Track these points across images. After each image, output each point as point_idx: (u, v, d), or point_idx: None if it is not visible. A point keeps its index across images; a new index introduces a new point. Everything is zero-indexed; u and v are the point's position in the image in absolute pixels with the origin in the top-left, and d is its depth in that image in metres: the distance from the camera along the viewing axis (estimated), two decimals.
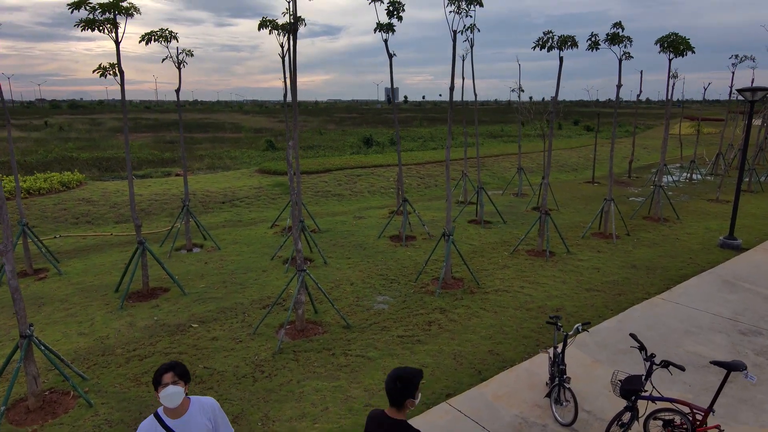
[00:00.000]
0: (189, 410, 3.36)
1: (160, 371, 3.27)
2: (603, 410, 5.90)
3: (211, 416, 3.42)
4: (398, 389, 3.20)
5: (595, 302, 9.53)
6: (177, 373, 3.28)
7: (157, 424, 3.28)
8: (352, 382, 6.81)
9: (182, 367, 3.34)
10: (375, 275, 11.06)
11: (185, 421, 3.33)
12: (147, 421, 3.31)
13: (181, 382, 3.28)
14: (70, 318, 8.90)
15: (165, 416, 3.31)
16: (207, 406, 3.44)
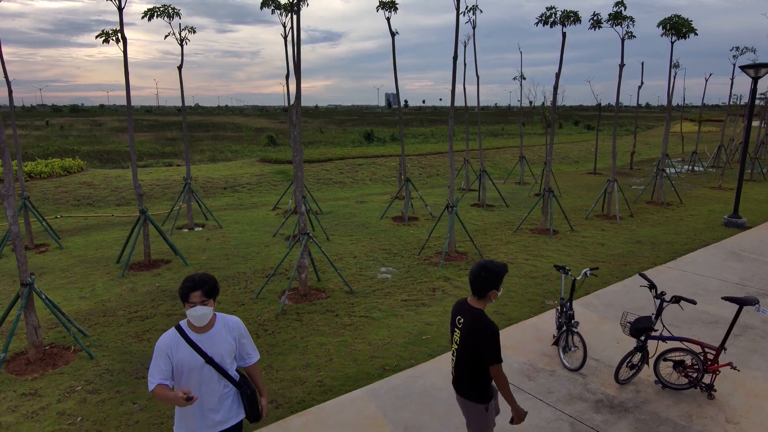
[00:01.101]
0: (215, 326, 3.16)
1: (188, 288, 3.01)
2: (611, 359, 5.81)
3: (236, 335, 3.24)
4: (482, 278, 3.31)
5: (600, 271, 9.44)
6: (205, 291, 3.03)
7: (180, 338, 3.07)
8: (356, 338, 6.72)
9: (211, 284, 3.06)
10: (378, 249, 10.98)
11: (210, 336, 3.13)
12: (168, 333, 3.09)
13: (209, 301, 3.06)
14: (71, 285, 8.82)
15: (188, 329, 3.11)
16: (232, 323, 3.25)
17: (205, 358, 3.06)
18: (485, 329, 3.28)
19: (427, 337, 6.74)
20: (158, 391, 2.94)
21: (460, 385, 3.53)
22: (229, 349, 3.17)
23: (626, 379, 5.29)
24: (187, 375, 3.05)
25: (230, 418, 3.23)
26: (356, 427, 4.58)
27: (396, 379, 5.48)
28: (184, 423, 3.15)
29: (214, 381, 3.11)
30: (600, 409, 4.89)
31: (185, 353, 3.04)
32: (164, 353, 3.03)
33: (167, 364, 3.03)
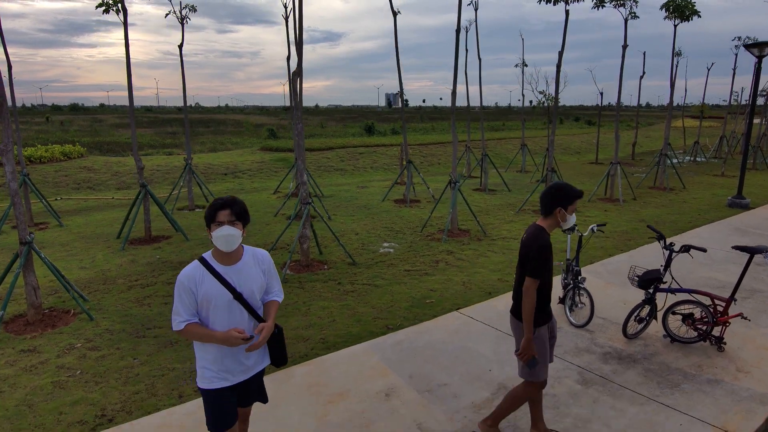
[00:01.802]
0: (243, 258, 2.81)
1: (215, 206, 2.67)
2: (618, 318, 5.73)
3: (266, 268, 2.90)
4: (550, 194, 3.27)
5: (604, 244, 9.37)
6: (235, 211, 2.67)
7: (204, 270, 2.70)
8: (359, 303, 6.65)
9: (241, 205, 2.74)
10: (380, 227, 10.90)
11: (238, 269, 2.77)
12: (191, 265, 2.74)
13: (239, 224, 2.69)
14: (70, 257, 8.75)
15: (214, 261, 2.74)
16: (261, 255, 2.91)
17: (234, 293, 2.71)
18: (534, 241, 3.21)
19: (430, 301, 6.66)
20: (192, 330, 2.67)
21: (514, 306, 3.43)
22: (259, 284, 2.83)
23: (634, 333, 5.21)
24: (212, 312, 2.71)
25: (258, 363, 2.95)
26: (360, 376, 4.50)
27: (400, 335, 5.40)
28: (215, 370, 2.80)
29: (244, 320, 2.78)
30: (608, 360, 4.81)
31: (211, 286, 2.69)
32: (186, 287, 2.67)
33: (192, 300, 2.69)
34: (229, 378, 2.81)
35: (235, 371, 2.82)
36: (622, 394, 4.22)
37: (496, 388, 4.30)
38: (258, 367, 2.97)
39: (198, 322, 2.72)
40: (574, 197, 3.26)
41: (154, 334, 5.72)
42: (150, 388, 4.61)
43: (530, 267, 3.20)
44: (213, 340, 2.69)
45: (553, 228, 3.33)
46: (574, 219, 3.34)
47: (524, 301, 3.22)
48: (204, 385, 2.82)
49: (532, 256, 3.19)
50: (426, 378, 4.47)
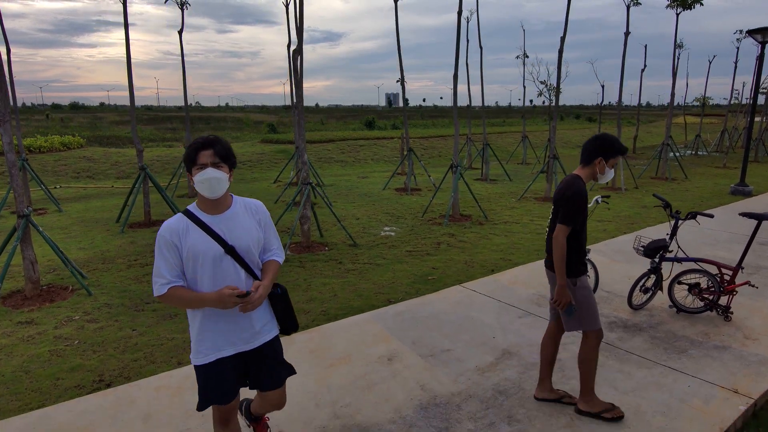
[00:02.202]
0: (232, 207, 2.43)
1: (196, 146, 2.32)
2: (622, 291, 5.66)
3: (261, 219, 2.52)
4: (595, 142, 3.19)
5: (607, 227, 9.30)
6: (218, 151, 2.31)
7: (188, 221, 2.33)
8: (361, 280, 6.57)
9: (225, 145, 2.38)
10: (380, 213, 10.84)
11: (228, 217, 2.40)
12: (173, 218, 2.38)
13: (224, 166, 2.33)
14: (69, 239, 8.68)
15: (199, 211, 2.38)
16: (255, 206, 2.53)
17: (225, 246, 2.33)
18: (569, 188, 3.14)
19: (432, 277, 6.59)
20: (176, 294, 2.28)
21: (548, 256, 3.37)
22: (255, 238, 2.44)
23: (640, 304, 5.14)
24: (200, 271, 2.32)
25: (264, 328, 2.53)
26: (362, 342, 4.43)
27: (401, 306, 5.33)
28: (211, 338, 2.40)
29: (239, 279, 2.38)
30: (614, 329, 4.74)
31: (197, 239, 2.31)
32: (168, 241, 2.29)
33: (175, 257, 2.30)
34: (226, 348, 2.43)
35: (235, 339, 2.43)
36: (629, 358, 4.15)
37: (500, 353, 4.23)
38: (267, 334, 2.55)
39: (183, 285, 2.33)
40: (618, 151, 3.20)
41: (153, 308, 5.66)
42: (148, 356, 4.54)
43: (562, 213, 3.13)
44: (203, 303, 2.30)
45: (590, 179, 3.25)
46: (612, 174, 3.26)
47: (554, 248, 3.15)
48: (198, 361, 2.41)
49: (565, 203, 3.12)
50: (429, 344, 4.40)
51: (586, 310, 3.27)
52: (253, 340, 2.49)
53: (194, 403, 3.53)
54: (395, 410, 3.42)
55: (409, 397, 3.58)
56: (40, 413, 3.44)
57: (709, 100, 30.83)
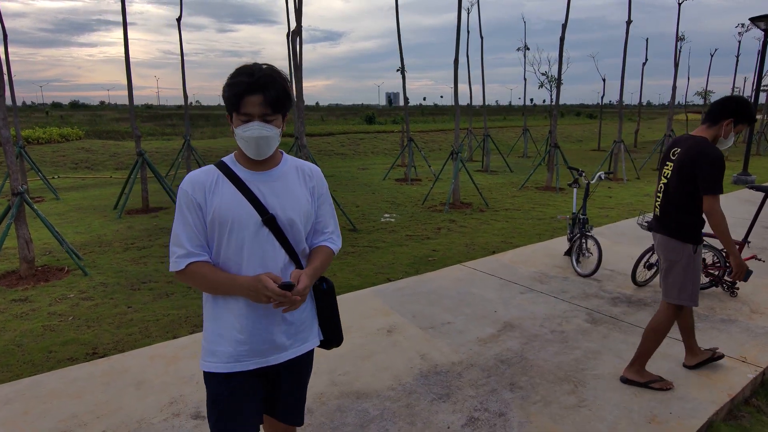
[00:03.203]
0: (281, 165, 1.80)
1: (241, 88, 1.61)
2: (626, 269, 5.57)
3: (316, 187, 1.85)
4: (727, 103, 2.97)
5: (609, 214, 9.22)
6: (269, 99, 1.62)
7: (220, 174, 1.71)
8: (361, 261, 6.49)
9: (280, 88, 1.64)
10: (381, 201, 10.75)
11: (273, 176, 1.76)
12: (202, 169, 1.75)
13: (277, 118, 1.68)
14: (66, 224, 8.60)
15: (236, 164, 1.75)
16: (309, 170, 1.86)
17: (263, 214, 1.70)
18: (704, 154, 2.85)
19: (433, 259, 6.50)
20: (199, 271, 1.68)
21: (664, 222, 3.12)
22: (304, 210, 1.79)
23: (644, 281, 5.05)
24: (227, 243, 1.70)
25: (299, 336, 1.84)
26: (361, 315, 4.35)
27: (401, 283, 5.25)
28: (233, 341, 1.74)
29: (275, 262, 1.73)
30: (617, 304, 4.65)
31: (227, 197, 1.69)
32: (191, 199, 1.68)
33: (199, 221, 1.69)
34: (249, 359, 1.76)
35: (264, 348, 1.77)
36: (633, 330, 4.06)
37: (502, 326, 4.15)
38: (302, 345, 1.85)
39: (208, 260, 1.72)
40: (749, 118, 2.97)
41: (150, 287, 5.57)
42: (143, 330, 4.46)
43: (708, 183, 2.84)
44: (232, 288, 1.68)
45: (712, 140, 3.00)
46: (731, 142, 3.04)
47: (714, 223, 2.90)
48: (209, 367, 1.77)
49: (707, 169, 2.84)
50: (429, 317, 4.31)
51: (692, 282, 3.10)
52: (283, 351, 1.80)
53: (190, 370, 3.46)
54: (395, 378, 3.34)
55: (408, 366, 3.49)
56: (30, 381, 3.36)
57: (711, 94, 30.72)
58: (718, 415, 3.00)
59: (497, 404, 3.03)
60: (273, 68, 1.68)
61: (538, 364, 3.51)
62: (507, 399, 3.09)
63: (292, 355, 1.83)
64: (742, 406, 3.19)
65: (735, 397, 3.15)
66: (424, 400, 3.08)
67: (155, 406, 3.03)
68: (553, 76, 17.84)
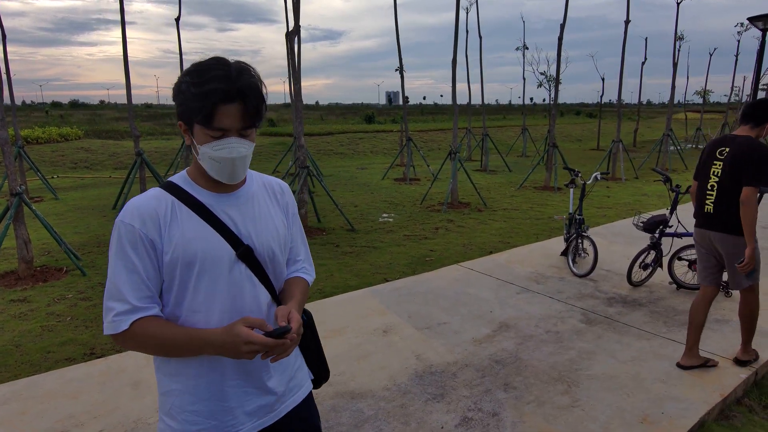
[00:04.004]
0: (247, 183, 1.47)
1: (215, 95, 1.24)
2: (622, 269, 5.58)
3: (288, 203, 1.56)
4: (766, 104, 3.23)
5: (607, 213, 9.25)
6: (251, 110, 1.29)
7: (172, 199, 1.35)
8: (358, 261, 6.51)
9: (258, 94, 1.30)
10: (379, 201, 10.78)
11: (241, 198, 1.43)
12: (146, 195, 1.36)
13: (253, 131, 1.35)
14: (65, 224, 8.62)
15: (193, 185, 1.39)
16: (278, 186, 1.56)
17: (238, 248, 1.37)
18: (756, 150, 3.13)
19: (430, 259, 6.53)
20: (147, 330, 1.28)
21: (720, 219, 3.31)
22: (282, 235, 1.49)
23: (640, 281, 5.08)
24: (193, 286, 1.33)
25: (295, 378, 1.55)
26: (358, 315, 4.37)
27: (398, 283, 5.27)
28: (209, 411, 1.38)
29: (259, 299, 1.41)
30: (613, 304, 4.67)
31: (191, 231, 1.33)
32: (139, 235, 1.29)
33: (150, 262, 1.31)
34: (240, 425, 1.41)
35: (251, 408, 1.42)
36: (628, 331, 4.09)
37: (497, 326, 4.17)
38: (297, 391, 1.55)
39: (159, 314, 1.32)
40: None
41: None
42: None
43: (752, 175, 3.09)
44: (201, 348, 1.29)
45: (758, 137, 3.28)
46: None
47: (746, 211, 3.11)
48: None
49: (755, 163, 3.09)
50: (425, 317, 4.34)
51: (758, 264, 3.32)
52: (278, 405, 1.48)
53: None
54: (390, 378, 3.36)
55: (404, 366, 3.51)
56: (28, 381, 3.38)
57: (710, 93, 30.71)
58: (710, 415, 3.02)
59: (491, 404, 3.06)
60: (248, 67, 1.32)
61: (532, 365, 3.53)
62: (501, 399, 3.11)
63: (292, 406, 1.51)
64: (734, 406, 3.21)
65: (727, 397, 3.18)
66: (419, 400, 3.11)
67: (151, 406, 3.05)
68: (551, 75, 17.86)
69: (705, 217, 3.41)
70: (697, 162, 3.55)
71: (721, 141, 3.38)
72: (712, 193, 3.34)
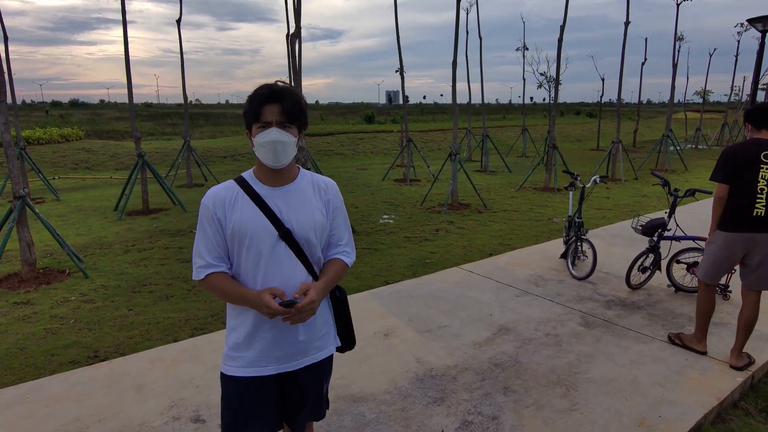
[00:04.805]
0: (297, 180, 1.92)
1: (260, 98, 1.78)
2: (621, 272, 5.62)
3: (331, 200, 1.97)
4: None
5: (607, 215, 9.28)
6: (287, 108, 1.77)
7: (239, 190, 1.85)
8: (358, 263, 6.55)
9: (296, 100, 1.80)
10: (379, 202, 10.81)
11: (289, 191, 1.88)
12: (222, 184, 1.89)
13: (293, 128, 1.82)
14: (67, 225, 8.66)
15: (254, 180, 1.89)
16: (326, 183, 1.99)
17: (280, 229, 1.81)
18: None
19: (430, 261, 6.57)
20: (216, 282, 1.81)
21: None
22: (319, 224, 1.89)
23: (638, 284, 5.12)
24: (246, 257, 1.82)
25: (317, 343, 1.95)
26: (358, 318, 4.39)
27: (399, 286, 5.31)
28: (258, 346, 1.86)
29: (294, 274, 1.84)
30: (611, 307, 4.71)
31: (246, 213, 1.81)
32: (211, 214, 1.81)
33: (218, 234, 1.82)
34: (267, 364, 1.87)
35: (280, 354, 1.87)
36: (626, 334, 4.13)
37: (497, 329, 4.21)
38: (320, 351, 1.97)
39: (226, 271, 1.84)
40: None
41: (150, 290, 5.64)
42: (144, 333, 4.52)
43: None
44: (243, 301, 1.80)
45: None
46: None
47: None
48: (229, 371, 1.89)
49: None
50: (426, 320, 4.38)
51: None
52: (301, 358, 1.91)
53: (189, 374, 3.52)
54: (390, 381, 3.40)
55: (404, 370, 3.55)
56: (32, 384, 3.42)
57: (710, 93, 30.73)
58: (706, 418, 3.06)
59: (490, 408, 3.10)
60: (289, 86, 1.84)
61: (531, 368, 3.57)
62: (500, 402, 3.15)
63: (311, 362, 1.94)
64: (730, 409, 3.25)
65: (724, 401, 3.22)
66: (419, 403, 3.15)
67: (155, 409, 3.09)
68: (551, 76, 17.89)
69: (755, 221, 3.44)
70: (723, 165, 3.53)
71: (763, 144, 3.44)
72: (762, 196, 3.40)
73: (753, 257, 3.50)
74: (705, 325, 3.78)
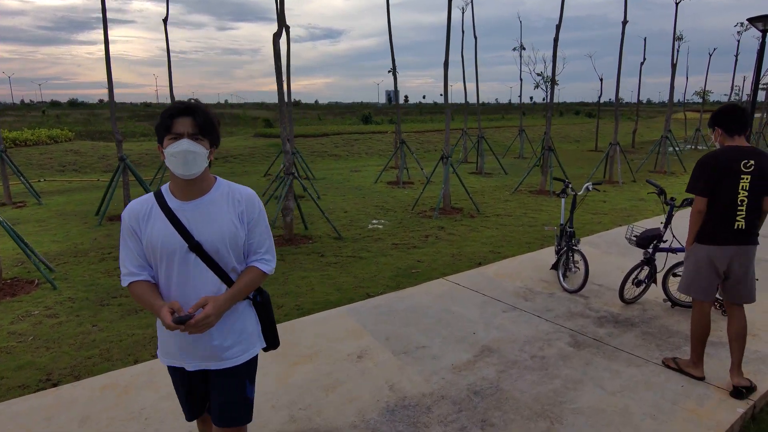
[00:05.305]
0: (211, 193, 1.98)
1: (171, 112, 1.85)
2: (614, 284, 5.34)
3: (245, 211, 2.00)
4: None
5: (602, 220, 8.99)
6: (198, 121, 1.85)
7: (154, 204, 1.94)
8: (341, 273, 6.27)
9: (207, 115, 1.89)
10: (370, 206, 10.53)
11: (200, 204, 1.94)
12: (139, 198, 2.00)
13: (204, 140, 1.88)
14: (44, 231, 8.38)
15: (169, 194, 1.96)
16: (240, 194, 2.02)
17: (189, 242, 1.89)
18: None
19: (416, 270, 6.28)
20: (136, 290, 1.94)
21: (752, 234, 3.28)
22: (227, 234, 1.94)
23: (632, 298, 4.83)
24: (161, 267, 1.94)
25: (238, 345, 2.05)
26: (332, 338, 4.12)
27: (379, 300, 5.03)
28: (165, 347, 2.08)
29: (209, 284, 1.94)
30: (603, 324, 4.43)
31: (157, 227, 1.90)
32: (128, 227, 1.93)
33: (137, 246, 1.94)
34: (184, 359, 2.04)
35: (195, 353, 2.01)
36: (618, 356, 3.84)
37: (479, 350, 3.92)
38: (234, 358, 2.05)
39: (149, 279, 1.95)
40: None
41: (119, 302, 5.35)
42: (104, 353, 4.23)
43: None
44: (152, 310, 1.91)
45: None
46: None
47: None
48: (161, 360, 2.14)
49: None
50: (404, 340, 4.09)
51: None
52: (212, 360, 2.03)
53: (140, 404, 3.24)
54: (358, 412, 3.12)
55: (375, 399, 3.27)
56: None
57: (709, 93, 30.45)
58: None
59: None
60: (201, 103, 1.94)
61: (513, 396, 3.29)
62: None
63: (226, 365, 2.03)
64: None
65: None
66: None
67: None
68: (548, 76, 17.62)
69: (737, 234, 3.25)
70: (702, 177, 3.28)
71: (746, 153, 3.21)
72: (743, 208, 3.21)
73: (735, 270, 3.29)
74: (700, 348, 3.50)
